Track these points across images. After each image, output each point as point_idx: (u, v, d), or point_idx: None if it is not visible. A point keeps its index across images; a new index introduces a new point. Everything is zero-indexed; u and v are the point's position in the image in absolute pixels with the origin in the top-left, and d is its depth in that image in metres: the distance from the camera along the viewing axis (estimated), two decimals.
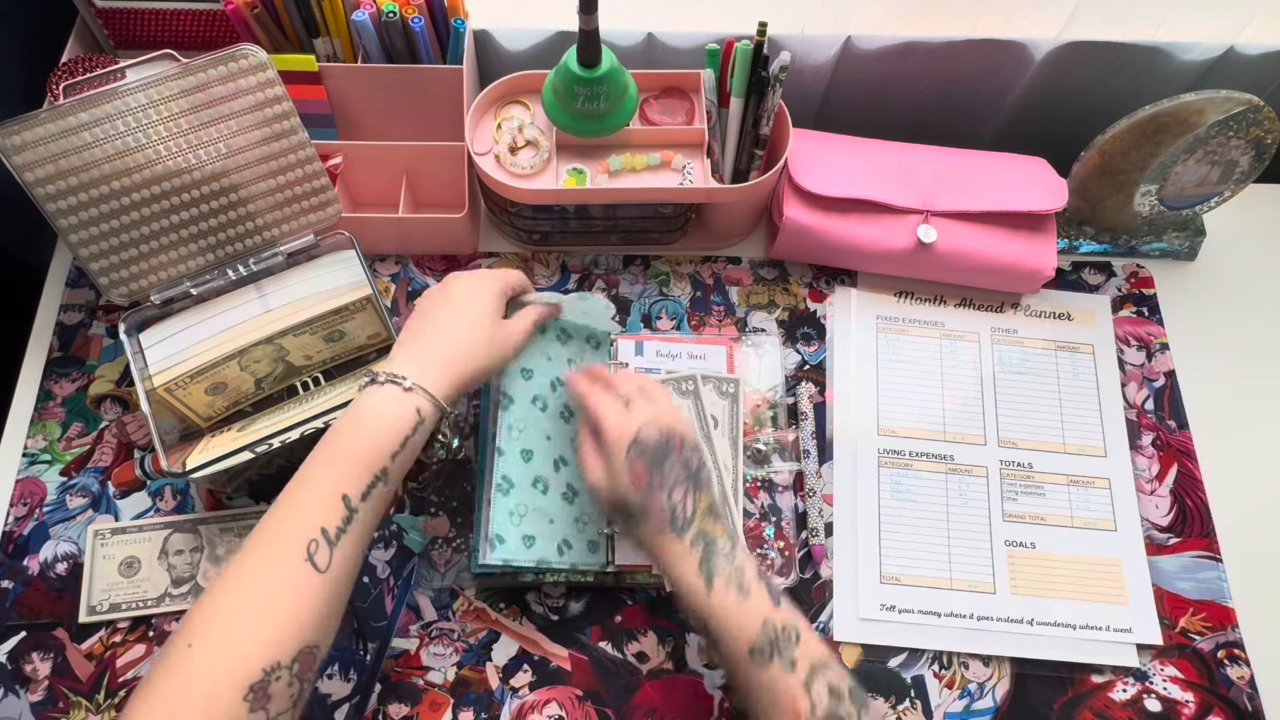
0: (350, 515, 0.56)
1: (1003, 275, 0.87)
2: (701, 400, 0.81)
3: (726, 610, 0.59)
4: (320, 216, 0.77)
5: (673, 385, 0.81)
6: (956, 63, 0.92)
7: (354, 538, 0.56)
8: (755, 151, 0.83)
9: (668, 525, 0.62)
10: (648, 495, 0.63)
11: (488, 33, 0.91)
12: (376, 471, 0.58)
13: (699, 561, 0.61)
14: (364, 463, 0.57)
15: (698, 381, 0.81)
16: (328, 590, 0.54)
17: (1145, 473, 0.83)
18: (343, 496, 0.56)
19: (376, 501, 0.58)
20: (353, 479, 0.57)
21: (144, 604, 0.74)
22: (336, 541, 0.55)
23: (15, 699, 0.72)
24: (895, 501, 0.81)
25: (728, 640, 0.59)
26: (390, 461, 0.58)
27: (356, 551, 0.57)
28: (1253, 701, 0.74)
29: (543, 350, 0.75)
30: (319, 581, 0.54)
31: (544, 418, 0.74)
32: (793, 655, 0.58)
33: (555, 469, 0.73)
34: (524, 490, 0.70)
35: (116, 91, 0.66)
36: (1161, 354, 0.88)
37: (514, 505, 0.69)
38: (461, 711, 0.72)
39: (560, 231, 0.89)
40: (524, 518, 0.70)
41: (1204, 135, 0.81)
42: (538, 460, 0.72)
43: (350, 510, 0.56)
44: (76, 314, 0.86)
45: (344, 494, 0.56)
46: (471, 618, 0.75)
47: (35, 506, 0.78)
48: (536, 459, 0.72)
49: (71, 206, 0.68)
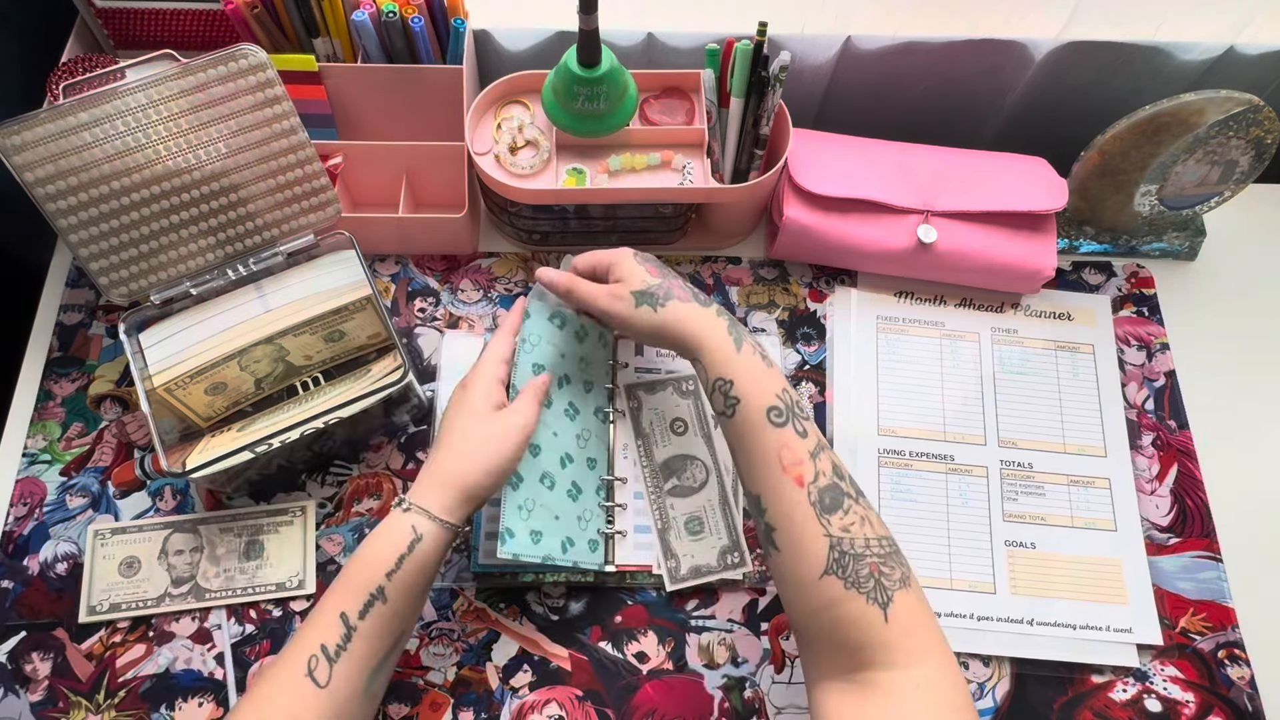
0: (349, 633, 0.58)
1: (1003, 275, 0.87)
2: (702, 400, 0.82)
3: (752, 370, 0.63)
4: (320, 216, 0.77)
5: (673, 385, 0.82)
6: (956, 63, 0.91)
7: (355, 655, 0.58)
8: (755, 151, 0.83)
9: (691, 296, 0.68)
10: (667, 277, 0.69)
11: (488, 33, 0.91)
12: (373, 590, 0.59)
13: (727, 326, 0.66)
14: (361, 583, 0.60)
15: (698, 381, 0.81)
16: (325, 705, 0.56)
17: (1145, 473, 0.83)
18: (340, 615, 0.58)
19: (378, 621, 0.59)
20: (351, 598, 0.59)
21: (144, 604, 0.74)
22: (336, 658, 0.57)
23: (15, 699, 0.72)
24: (895, 501, 0.81)
25: (749, 400, 0.62)
26: (386, 580, 0.60)
27: (360, 670, 0.58)
28: (1253, 702, 0.74)
29: (555, 345, 0.75)
30: (317, 696, 0.56)
31: (549, 414, 0.73)
32: (804, 425, 0.61)
33: (562, 465, 0.73)
34: (532, 485, 0.70)
35: (116, 91, 0.66)
36: (1162, 354, 0.88)
37: (523, 500, 0.69)
38: (461, 711, 0.72)
39: (560, 231, 0.89)
40: (531, 513, 0.69)
41: (1204, 135, 0.81)
42: (545, 456, 0.72)
43: (349, 628, 0.58)
44: (76, 314, 0.86)
45: (342, 612, 0.59)
46: (471, 618, 0.75)
47: (35, 506, 0.78)
48: (544, 454, 0.72)
49: (71, 206, 0.68)
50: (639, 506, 0.78)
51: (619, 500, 0.77)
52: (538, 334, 0.74)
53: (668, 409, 0.82)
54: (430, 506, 0.62)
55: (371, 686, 0.60)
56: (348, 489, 0.80)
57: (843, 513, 0.58)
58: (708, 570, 0.76)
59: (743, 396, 0.62)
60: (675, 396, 0.82)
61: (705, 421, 0.81)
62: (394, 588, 0.60)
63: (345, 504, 0.79)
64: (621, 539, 0.76)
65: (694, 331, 0.65)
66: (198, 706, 0.72)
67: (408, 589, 0.60)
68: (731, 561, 0.76)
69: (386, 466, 0.81)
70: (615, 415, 0.81)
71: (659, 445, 0.80)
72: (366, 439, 0.81)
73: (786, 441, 0.60)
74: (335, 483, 0.80)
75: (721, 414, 0.64)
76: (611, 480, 0.78)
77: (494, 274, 0.89)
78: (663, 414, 0.81)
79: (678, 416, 0.81)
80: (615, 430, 0.80)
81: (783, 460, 0.59)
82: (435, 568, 0.62)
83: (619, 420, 0.81)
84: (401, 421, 0.82)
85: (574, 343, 0.77)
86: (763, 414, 0.61)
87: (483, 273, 0.90)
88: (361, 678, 0.59)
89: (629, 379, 0.83)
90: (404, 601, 0.60)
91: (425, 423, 0.82)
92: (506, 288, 0.89)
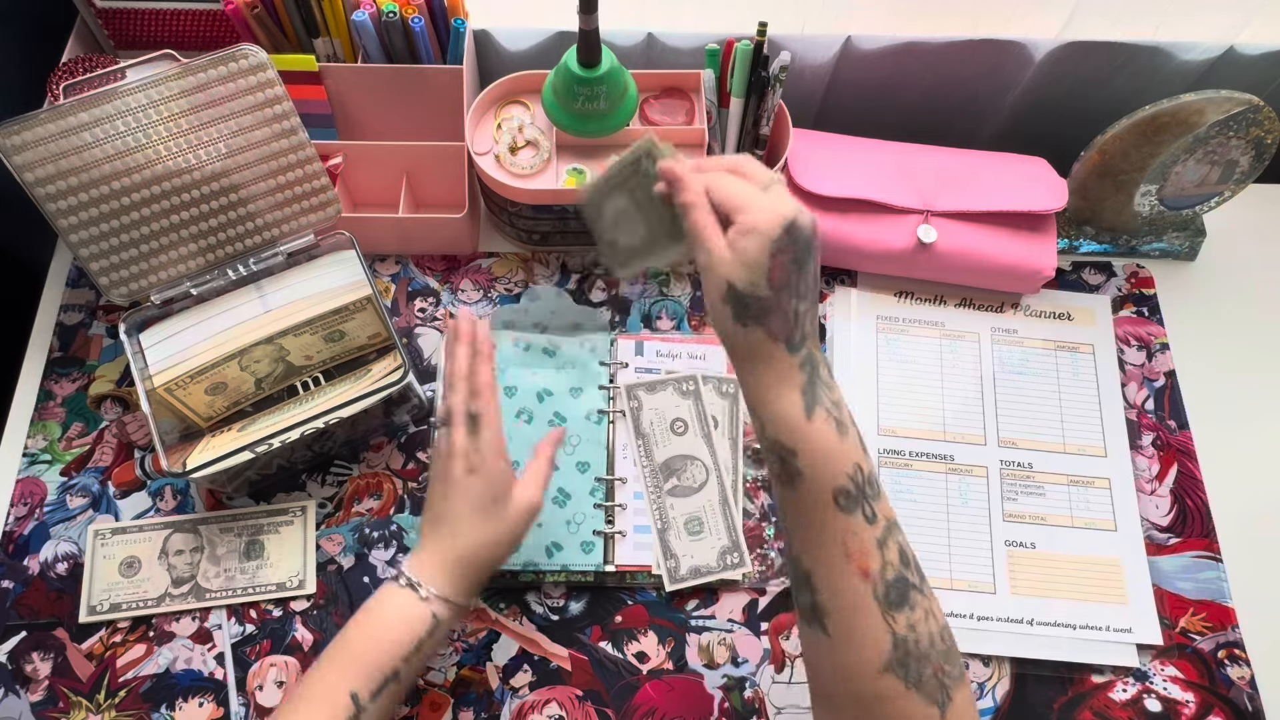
0: (358, 713, 0.57)
1: (1003, 275, 0.87)
2: (702, 400, 0.82)
3: (824, 443, 0.53)
4: (320, 216, 0.77)
5: (673, 386, 0.82)
6: (956, 63, 0.92)
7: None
8: (755, 151, 0.83)
9: (784, 335, 0.54)
10: (779, 295, 0.53)
11: (488, 33, 0.91)
12: (388, 673, 0.59)
13: (804, 384, 0.54)
14: (375, 663, 0.59)
15: (698, 381, 0.82)
16: None
17: (1145, 473, 0.83)
18: (351, 694, 0.57)
19: (389, 700, 0.59)
20: (364, 679, 0.58)
21: (144, 604, 0.74)
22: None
23: (15, 699, 0.72)
24: (895, 501, 0.80)
25: (814, 477, 0.52)
26: (404, 664, 0.59)
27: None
28: (1253, 701, 0.74)
29: (527, 366, 0.78)
30: None
31: (530, 429, 0.77)
32: (874, 508, 0.53)
33: None
34: None
35: (116, 91, 0.67)
36: (1161, 354, 0.88)
37: None
38: (461, 711, 0.72)
39: (560, 231, 0.89)
40: None
41: (1204, 135, 0.81)
42: None
43: (359, 708, 0.57)
44: (76, 314, 0.86)
45: (353, 692, 0.57)
46: (471, 618, 0.75)
47: (35, 506, 0.78)
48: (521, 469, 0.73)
49: (71, 206, 0.68)
50: (639, 506, 0.78)
51: (619, 500, 0.78)
52: (503, 359, 0.75)
53: (668, 409, 0.82)
54: (448, 594, 0.61)
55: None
56: (348, 489, 0.80)
57: (909, 608, 0.51)
58: (707, 570, 0.76)
59: (806, 472, 0.53)
60: (676, 397, 0.82)
61: (705, 422, 0.81)
62: (409, 669, 0.60)
63: (345, 504, 0.79)
64: (621, 539, 0.76)
65: (760, 377, 0.54)
66: (198, 706, 0.72)
67: (420, 668, 0.62)
68: (731, 562, 0.76)
69: (386, 466, 0.81)
70: (615, 415, 0.81)
71: (659, 445, 0.80)
72: (367, 439, 0.81)
73: (853, 529, 0.52)
74: (335, 483, 0.80)
75: (777, 478, 0.55)
76: (611, 480, 0.78)
77: (494, 274, 0.90)
78: (663, 414, 0.81)
79: (678, 417, 0.81)
80: (614, 431, 0.80)
81: (848, 548, 0.52)
82: (443, 641, 0.63)
83: (619, 420, 0.81)
84: (401, 421, 0.82)
85: (544, 358, 0.78)
86: (829, 495, 0.52)
87: (483, 273, 0.90)
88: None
89: (629, 379, 0.83)
90: (413, 678, 0.62)
91: (425, 423, 0.82)
92: (507, 287, 0.89)
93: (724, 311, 0.54)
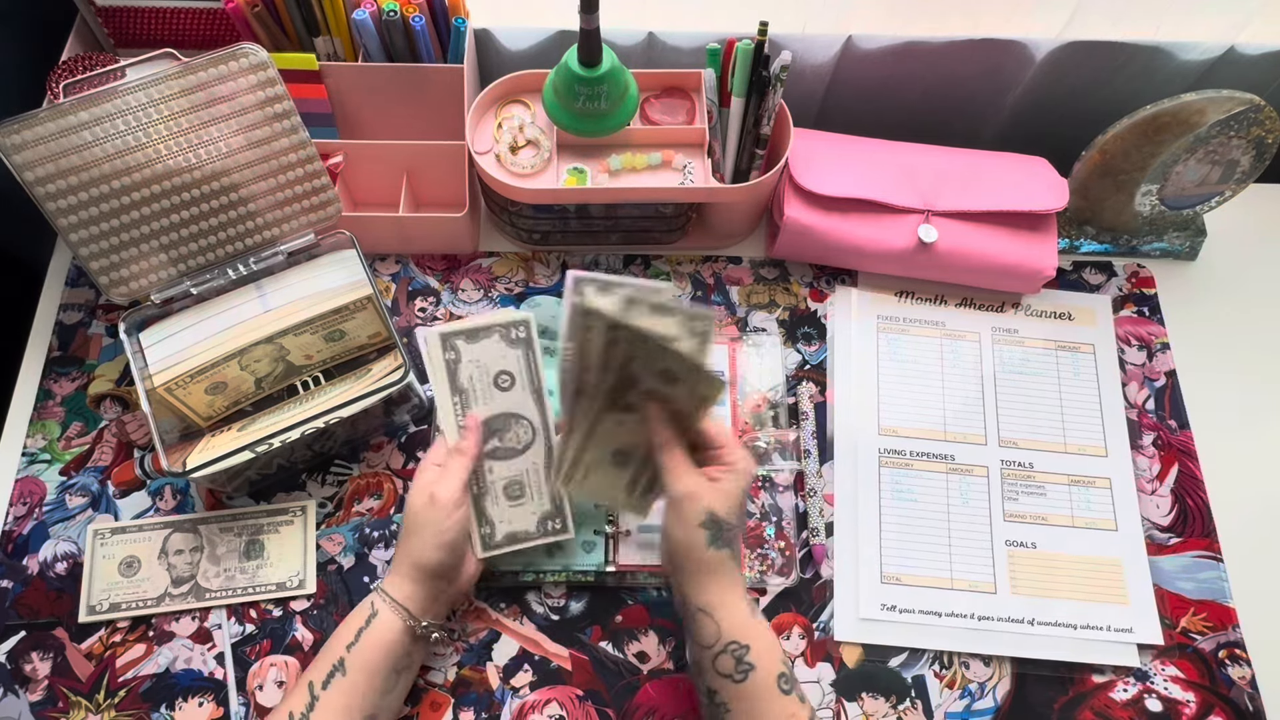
0: (313, 702, 0.62)
1: (1003, 275, 0.87)
2: (533, 351, 0.73)
3: (767, 636, 0.62)
4: (320, 216, 0.77)
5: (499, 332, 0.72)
6: (957, 62, 0.91)
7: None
8: (756, 151, 0.83)
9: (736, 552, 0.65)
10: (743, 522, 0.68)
11: (488, 32, 0.91)
12: (335, 662, 0.64)
13: (744, 588, 0.64)
14: (328, 655, 0.64)
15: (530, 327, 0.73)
16: None
17: (1146, 472, 0.83)
18: (309, 683, 0.63)
19: (338, 694, 0.63)
20: (318, 669, 0.64)
21: (144, 603, 0.74)
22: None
23: (15, 699, 0.71)
24: (896, 501, 0.81)
25: (762, 667, 0.60)
26: (346, 652, 0.64)
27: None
28: (1254, 701, 0.74)
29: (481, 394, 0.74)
30: None
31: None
32: (801, 689, 0.62)
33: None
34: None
35: (117, 90, 0.66)
36: (1162, 354, 0.88)
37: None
38: (462, 711, 0.72)
39: (560, 231, 0.89)
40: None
41: (1205, 135, 0.81)
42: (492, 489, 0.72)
43: (313, 696, 0.62)
44: (76, 313, 0.86)
45: (310, 681, 0.63)
46: (472, 617, 0.75)
47: (35, 506, 0.78)
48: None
49: (71, 206, 0.68)
50: None
51: None
52: None
53: (490, 360, 0.72)
54: (387, 588, 0.66)
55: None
56: (348, 489, 0.80)
57: None
58: (525, 537, 0.72)
59: (757, 664, 0.60)
60: (502, 345, 0.72)
61: (535, 375, 0.72)
62: (351, 660, 0.63)
63: (345, 504, 0.79)
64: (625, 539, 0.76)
65: (719, 583, 0.62)
66: (198, 706, 0.72)
67: (364, 664, 0.64)
68: (553, 528, 0.72)
69: (386, 466, 0.81)
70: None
71: (479, 403, 0.72)
72: (367, 439, 0.81)
73: (793, 710, 0.60)
74: (335, 482, 0.80)
75: (728, 677, 0.61)
76: None
77: (494, 274, 0.89)
78: (485, 366, 0.72)
79: (503, 369, 0.72)
80: None
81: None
82: (397, 650, 0.65)
83: None
84: (401, 421, 0.81)
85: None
86: (773, 681, 0.60)
87: (483, 272, 0.90)
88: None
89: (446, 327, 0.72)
90: (362, 678, 0.63)
91: (425, 423, 0.82)
92: (507, 287, 0.89)
93: (699, 535, 0.62)
